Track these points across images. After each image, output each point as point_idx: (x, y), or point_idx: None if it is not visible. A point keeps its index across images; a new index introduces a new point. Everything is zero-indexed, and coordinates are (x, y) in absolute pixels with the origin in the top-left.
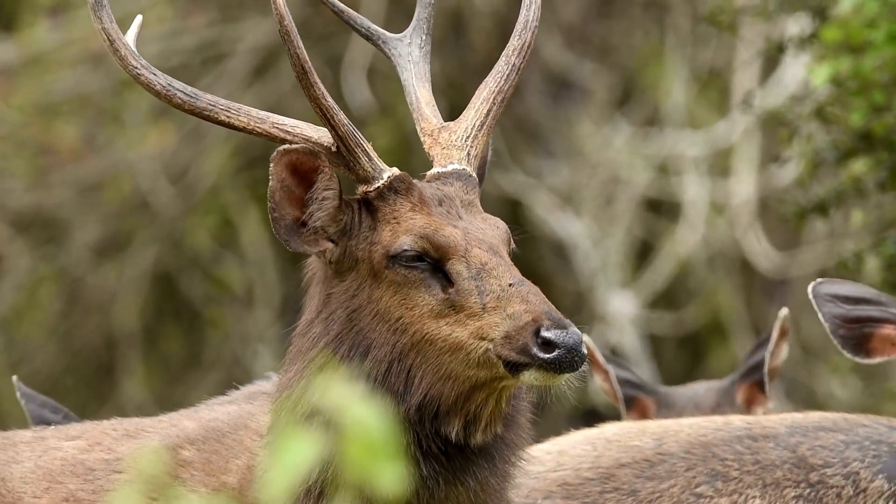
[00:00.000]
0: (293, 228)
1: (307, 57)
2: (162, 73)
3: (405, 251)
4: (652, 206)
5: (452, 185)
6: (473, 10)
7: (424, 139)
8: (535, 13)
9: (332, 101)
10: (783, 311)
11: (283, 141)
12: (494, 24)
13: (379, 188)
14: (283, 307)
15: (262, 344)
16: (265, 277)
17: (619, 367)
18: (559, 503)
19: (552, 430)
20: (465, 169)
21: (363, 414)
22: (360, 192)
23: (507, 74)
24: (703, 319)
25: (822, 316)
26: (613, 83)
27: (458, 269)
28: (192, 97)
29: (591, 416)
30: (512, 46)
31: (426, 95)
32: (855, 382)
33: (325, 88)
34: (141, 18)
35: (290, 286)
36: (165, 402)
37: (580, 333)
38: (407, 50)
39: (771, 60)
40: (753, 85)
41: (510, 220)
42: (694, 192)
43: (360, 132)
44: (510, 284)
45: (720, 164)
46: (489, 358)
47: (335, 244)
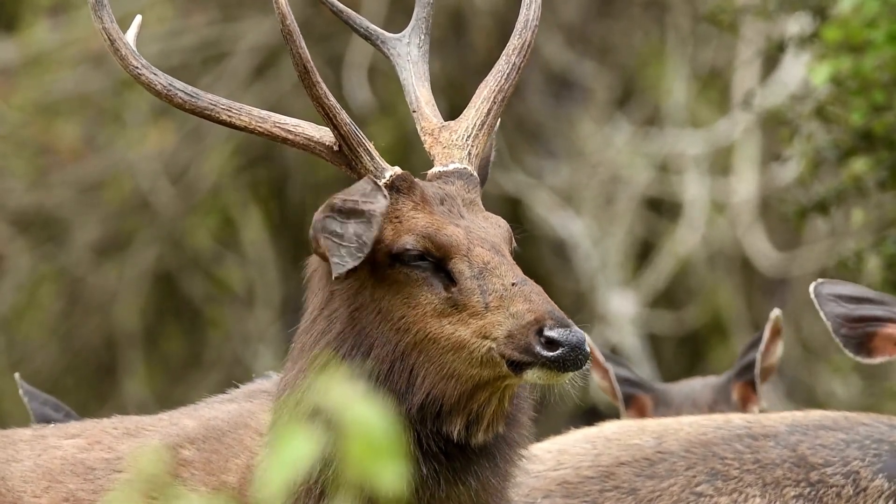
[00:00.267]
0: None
1: (309, 56)
2: (162, 72)
3: (408, 250)
4: (652, 205)
5: (454, 184)
6: (473, 9)
7: (425, 138)
8: (535, 12)
9: (334, 100)
10: (775, 311)
11: (284, 140)
12: (494, 23)
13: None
14: (283, 307)
15: (262, 344)
16: (266, 277)
17: (617, 364)
18: (559, 502)
19: (552, 428)
20: (466, 168)
21: (364, 413)
22: None
23: (507, 73)
24: (703, 319)
25: (824, 315)
26: (614, 82)
27: (460, 268)
28: (192, 97)
29: (591, 414)
30: (512, 45)
31: (426, 95)
32: (856, 381)
33: (326, 88)
34: (140, 18)
35: (290, 286)
36: (166, 401)
37: (583, 332)
38: (406, 50)
39: (771, 60)
40: (754, 84)
41: (510, 219)
42: (694, 191)
43: (361, 131)
44: (513, 283)
45: (721, 163)
46: (492, 357)
47: None
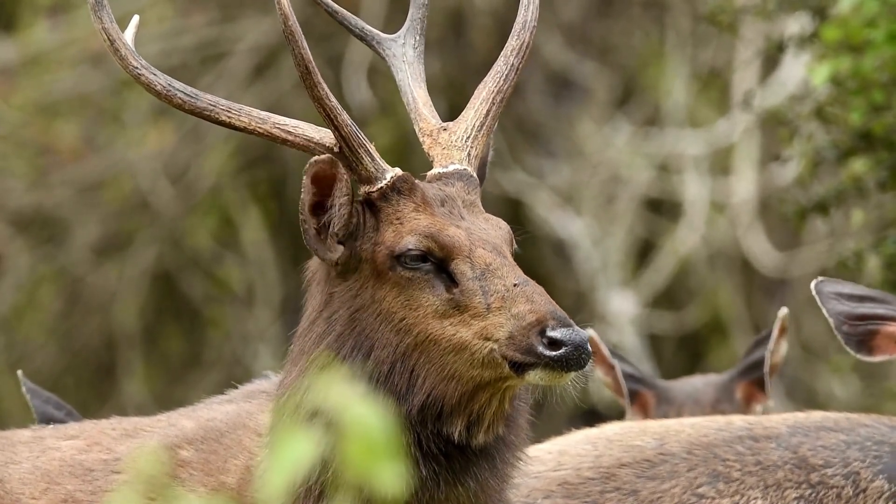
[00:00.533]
0: (317, 238)
1: (311, 57)
2: (162, 73)
3: (410, 251)
4: (652, 205)
5: (454, 185)
6: (473, 9)
7: (424, 139)
8: (533, 13)
9: (335, 101)
10: (783, 309)
11: (284, 141)
12: (494, 23)
13: (382, 188)
14: (283, 307)
15: (262, 344)
16: (265, 277)
17: (621, 361)
18: (560, 502)
19: (553, 429)
20: (466, 169)
21: (364, 414)
22: (362, 192)
23: (506, 74)
24: (703, 319)
25: (826, 312)
26: (614, 83)
27: (462, 269)
28: (192, 97)
29: (591, 415)
30: (511, 46)
31: (423, 96)
32: (855, 382)
33: (328, 89)
34: (138, 18)
35: (290, 286)
36: (166, 401)
37: (585, 332)
38: (401, 50)
39: (771, 60)
40: (753, 84)
41: (511, 219)
42: (694, 191)
43: (362, 133)
44: (515, 284)
45: (720, 163)
46: (494, 358)
47: (343, 246)
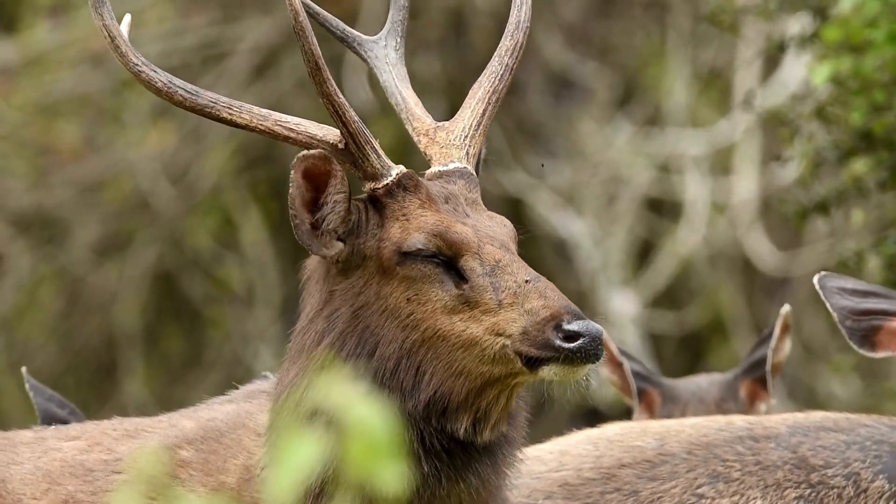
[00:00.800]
0: (311, 233)
1: (320, 53)
2: (162, 70)
3: (419, 248)
4: (653, 205)
5: (456, 183)
6: (473, 9)
7: (419, 139)
8: (526, 13)
9: (343, 98)
10: (785, 307)
11: (286, 139)
12: (494, 23)
13: (387, 185)
14: (283, 307)
15: (262, 344)
16: (265, 277)
17: (628, 359)
18: (560, 503)
19: (554, 429)
20: (466, 167)
21: (364, 413)
22: (367, 189)
23: (500, 74)
24: (704, 319)
25: (830, 306)
26: (615, 82)
27: (472, 265)
28: (193, 94)
29: (592, 416)
30: (504, 47)
31: (412, 96)
32: (856, 382)
33: (336, 85)
34: (130, 17)
35: (290, 286)
36: (166, 401)
37: (599, 325)
38: (383, 52)
39: (772, 60)
40: (754, 84)
41: (512, 219)
42: (695, 191)
43: (368, 130)
44: (526, 281)
45: (721, 163)
46: (506, 354)
47: (344, 243)
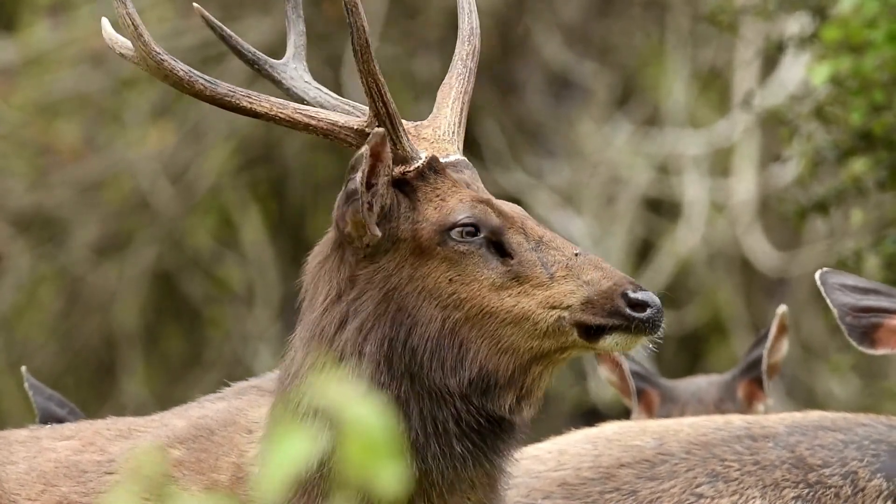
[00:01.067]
0: (372, 214)
1: (369, 31)
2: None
3: (463, 223)
4: (652, 205)
5: (463, 172)
6: None
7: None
8: (476, 20)
9: (383, 78)
10: (781, 307)
11: (306, 127)
12: (494, 23)
13: (419, 168)
14: (283, 306)
15: (262, 343)
16: (265, 277)
17: (627, 358)
18: (559, 503)
19: (552, 429)
20: (465, 159)
21: (364, 412)
22: (396, 172)
23: (466, 77)
24: (703, 318)
25: (830, 302)
26: (614, 82)
27: (517, 239)
28: (212, 84)
29: (591, 415)
30: (465, 51)
31: (352, 102)
32: (855, 382)
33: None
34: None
35: (290, 286)
36: (166, 401)
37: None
38: (297, 73)
39: (771, 60)
40: (753, 84)
41: None
42: (694, 191)
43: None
44: (576, 254)
45: (720, 163)
46: (561, 326)
47: (379, 227)
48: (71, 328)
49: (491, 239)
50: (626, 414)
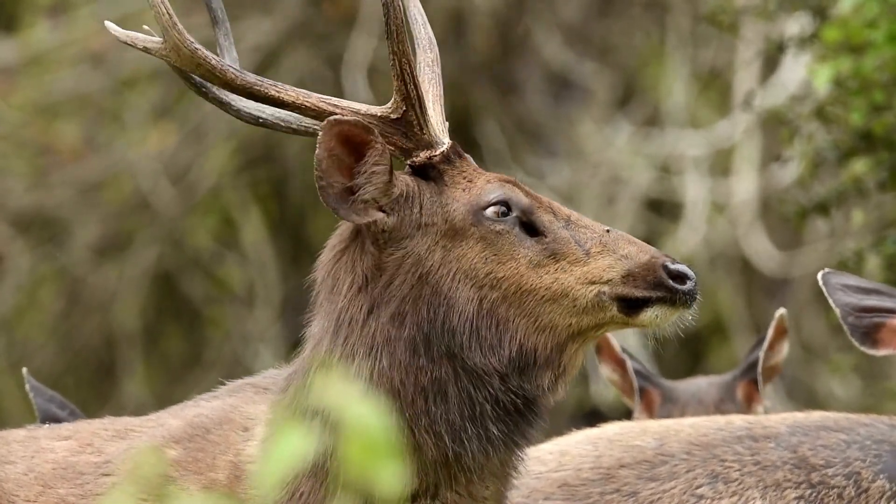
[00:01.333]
0: (341, 197)
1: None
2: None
3: (498, 200)
4: (653, 205)
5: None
6: (473, 9)
7: None
8: (430, 31)
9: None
10: (780, 310)
11: (331, 114)
12: (494, 23)
13: (444, 152)
14: (283, 307)
15: (262, 344)
16: (265, 277)
17: (630, 358)
18: None
19: (553, 429)
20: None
21: (366, 412)
22: (422, 157)
23: (438, 81)
24: (703, 319)
25: (832, 303)
26: (614, 83)
27: (548, 218)
28: (242, 73)
29: (592, 416)
30: (429, 58)
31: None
32: (856, 382)
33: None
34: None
35: (290, 286)
36: (166, 402)
37: None
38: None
39: (771, 60)
40: (754, 85)
41: None
42: (695, 191)
43: None
44: (607, 231)
45: (721, 163)
46: (601, 301)
47: (387, 214)
48: (71, 328)
49: (521, 219)
50: (627, 415)
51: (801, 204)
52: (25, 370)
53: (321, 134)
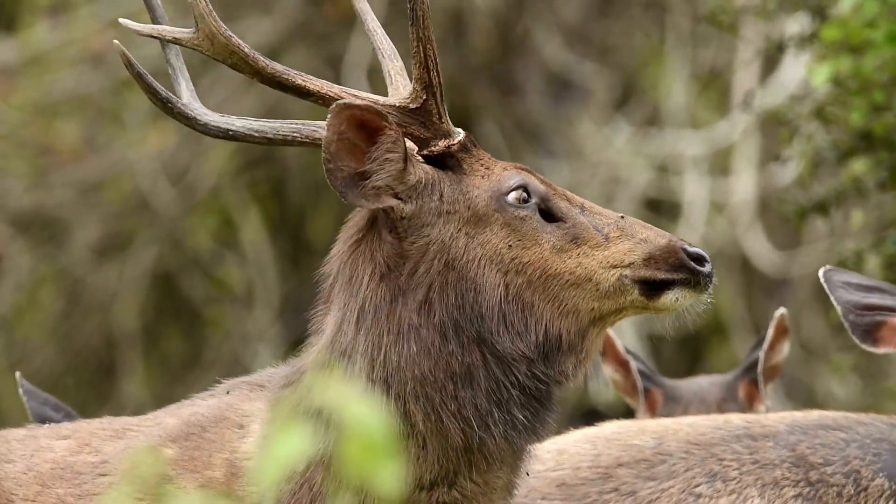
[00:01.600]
0: (351, 181)
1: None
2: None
3: (518, 185)
4: (652, 205)
5: None
6: (473, 9)
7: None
8: (388, 39)
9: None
10: (780, 309)
11: None
12: (494, 23)
13: (462, 141)
14: (282, 307)
15: (262, 344)
16: (265, 277)
17: (633, 358)
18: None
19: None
20: None
21: (365, 411)
22: (441, 146)
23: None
24: (703, 319)
25: (834, 300)
26: (614, 83)
27: (565, 205)
28: (271, 63)
29: (591, 416)
30: (397, 67)
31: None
32: (855, 382)
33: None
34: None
35: (290, 286)
36: (166, 402)
37: None
38: (207, 111)
39: (771, 60)
40: (753, 84)
41: None
42: (694, 191)
43: None
44: (622, 217)
45: (720, 163)
46: (622, 284)
47: (403, 202)
48: (71, 329)
49: (540, 205)
50: (626, 414)
51: (800, 204)
52: (19, 374)
53: (330, 117)
